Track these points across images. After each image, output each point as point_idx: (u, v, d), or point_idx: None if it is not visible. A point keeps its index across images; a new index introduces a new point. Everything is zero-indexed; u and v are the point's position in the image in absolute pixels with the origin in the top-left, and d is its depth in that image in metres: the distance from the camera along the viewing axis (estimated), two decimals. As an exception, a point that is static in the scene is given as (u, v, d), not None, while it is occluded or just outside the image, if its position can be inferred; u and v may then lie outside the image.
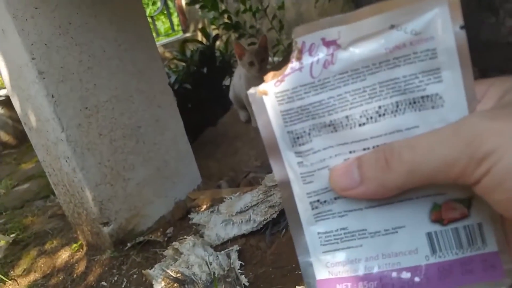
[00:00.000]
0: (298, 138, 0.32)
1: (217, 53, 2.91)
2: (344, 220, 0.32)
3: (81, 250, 1.67)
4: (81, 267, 1.57)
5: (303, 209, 0.33)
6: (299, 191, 0.33)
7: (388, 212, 0.31)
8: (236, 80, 2.27)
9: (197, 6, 2.83)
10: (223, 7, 2.94)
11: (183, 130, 1.69)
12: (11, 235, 1.93)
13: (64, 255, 1.70)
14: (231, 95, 2.40)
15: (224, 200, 1.45)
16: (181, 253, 1.26)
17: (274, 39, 3.12)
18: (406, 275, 0.31)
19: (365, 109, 0.29)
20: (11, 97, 1.39)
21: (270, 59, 3.21)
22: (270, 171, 2.00)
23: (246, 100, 2.19)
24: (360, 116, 0.29)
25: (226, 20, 2.91)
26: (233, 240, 1.33)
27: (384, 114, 0.29)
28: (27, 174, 2.76)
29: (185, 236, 1.39)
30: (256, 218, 1.29)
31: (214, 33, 3.03)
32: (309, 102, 0.30)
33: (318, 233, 0.33)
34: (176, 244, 1.29)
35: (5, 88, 1.92)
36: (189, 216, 1.53)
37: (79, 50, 1.30)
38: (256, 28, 3.06)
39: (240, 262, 1.19)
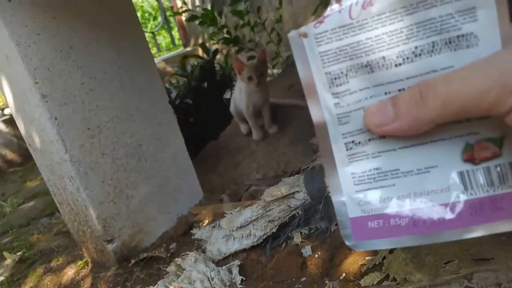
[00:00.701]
0: (335, 79, 0.33)
1: (217, 67, 2.96)
2: (377, 160, 0.33)
3: (86, 267, 1.69)
4: (86, 284, 1.60)
5: (338, 150, 0.34)
6: (334, 132, 0.34)
7: (421, 152, 0.32)
8: (237, 94, 2.30)
9: (197, 22, 2.88)
10: (222, 22, 2.99)
11: (184, 147, 1.73)
12: (18, 253, 1.96)
13: (69, 272, 1.72)
14: (232, 108, 2.44)
15: (225, 214, 1.47)
16: (184, 269, 1.28)
17: (273, 51, 3.17)
18: (437, 212, 0.32)
19: (401, 49, 0.30)
20: (15, 119, 1.43)
21: (269, 71, 3.25)
22: (271, 183, 2.02)
23: (246, 113, 2.22)
24: (397, 57, 0.30)
25: (226, 35, 2.96)
26: (234, 254, 1.35)
27: (420, 54, 0.30)
28: (32, 191, 2.80)
29: (187, 252, 1.41)
30: (256, 232, 1.31)
31: (214, 47, 3.08)
32: (347, 43, 0.31)
33: (352, 173, 0.34)
34: (178, 260, 1.31)
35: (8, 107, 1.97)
36: (191, 231, 1.55)
37: (81, 73, 1.34)
38: (255, 42, 3.11)
39: (241, 277, 1.21)
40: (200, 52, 3.22)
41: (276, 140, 2.30)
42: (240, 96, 2.24)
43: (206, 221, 1.60)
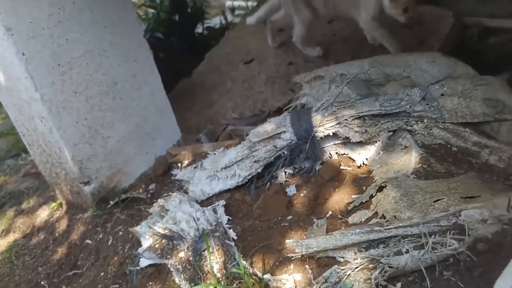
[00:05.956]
0: None
1: (188, -1, 2.78)
2: None
3: (60, 208, 1.65)
4: (62, 226, 1.56)
5: None
6: None
7: None
8: None
9: None
10: None
11: (160, 84, 1.64)
12: (-15, 196, 1.88)
13: (43, 214, 1.68)
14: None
15: (208, 155, 1.45)
16: (167, 210, 1.27)
17: (247, -17, 3.00)
18: None
19: None
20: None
21: (243, 3, 3.10)
22: (248, 123, 2.00)
23: (371, 25, 1.85)
24: None
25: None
26: (218, 195, 1.34)
27: None
28: (-6, 131, 2.64)
29: (169, 193, 1.39)
30: (241, 173, 1.30)
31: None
32: None
33: None
34: (162, 201, 1.29)
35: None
36: (171, 172, 1.52)
37: (48, 2, 1.21)
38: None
39: (227, 216, 1.21)
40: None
41: (252, 77, 2.24)
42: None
43: (186, 162, 1.57)
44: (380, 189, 1.05)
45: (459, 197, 0.92)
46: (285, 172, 1.33)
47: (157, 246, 1.21)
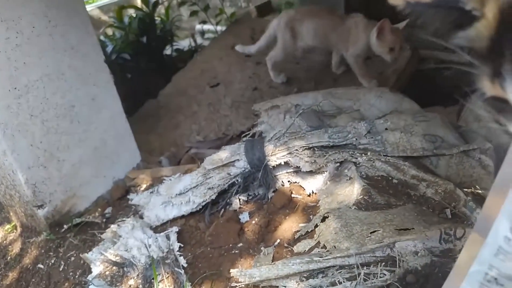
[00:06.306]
0: None
1: (158, 20, 2.82)
2: None
3: (15, 231, 1.62)
4: (15, 249, 1.54)
5: None
6: None
7: None
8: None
9: (135, -30, 2.69)
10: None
11: (121, 108, 1.66)
12: None
13: (-4, 236, 1.64)
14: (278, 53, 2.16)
15: (164, 180, 1.46)
16: (120, 236, 1.27)
17: (217, 7, 3.06)
18: None
19: None
20: None
21: (212, 27, 3.16)
22: (212, 146, 2.02)
23: (356, 61, 1.96)
24: None
25: (167, -13, 2.80)
26: (173, 221, 1.35)
27: None
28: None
29: (124, 218, 1.40)
30: (196, 199, 1.32)
31: (154, -1, 2.90)
32: None
33: None
34: (114, 227, 1.30)
35: None
36: (128, 196, 1.53)
37: (5, 26, 1.22)
38: (198, -4, 2.98)
39: (179, 244, 1.23)
40: (139, 3, 3.03)
41: (218, 101, 2.28)
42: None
43: (144, 186, 1.58)
44: (324, 219, 1.09)
45: (394, 229, 0.97)
46: (239, 199, 1.36)
47: (107, 273, 1.21)
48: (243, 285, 1.02)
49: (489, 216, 0.42)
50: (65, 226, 1.47)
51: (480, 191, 1.07)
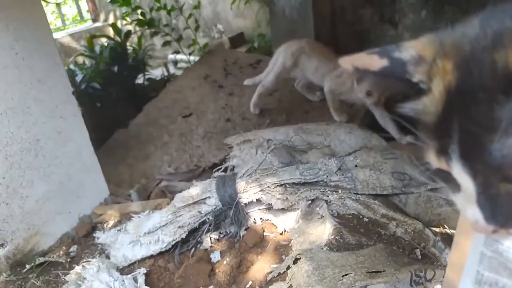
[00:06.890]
0: None
1: (130, 50, 2.80)
2: None
3: (-29, 271, 1.52)
4: (-29, 291, 1.44)
5: None
6: None
7: None
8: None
9: (108, -1, 2.68)
10: (136, 1, 2.83)
11: (88, 140, 1.61)
12: None
13: (-50, 276, 1.54)
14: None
15: (132, 217, 1.42)
16: (85, 278, 1.22)
17: (190, 38, 3.08)
18: None
19: None
20: None
21: (185, 57, 3.17)
22: (183, 179, 1.99)
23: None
24: None
25: (140, 17, 2.80)
26: (141, 261, 1.31)
27: None
28: None
29: (89, 258, 1.34)
30: (165, 238, 1.29)
31: (126, 28, 2.90)
32: None
33: None
34: (79, 268, 1.24)
35: None
36: (94, 233, 1.47)
37: (-32, 60, 1.18)
38: (172, 26, 2.99)
39: (147, 287, 1.18)
40: (111, 32, 3.02)
41: (190, 132, 2.26)
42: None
43: (112, 222, 1.52)
44: (296, 260, 1.08)
45: (365, 272, 0.96)
46: (210, 238, 1.33)
47: (69, 318, 1.15)
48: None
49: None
50: (27, 266, 1.40)
51: (448, 231, 1.09)
